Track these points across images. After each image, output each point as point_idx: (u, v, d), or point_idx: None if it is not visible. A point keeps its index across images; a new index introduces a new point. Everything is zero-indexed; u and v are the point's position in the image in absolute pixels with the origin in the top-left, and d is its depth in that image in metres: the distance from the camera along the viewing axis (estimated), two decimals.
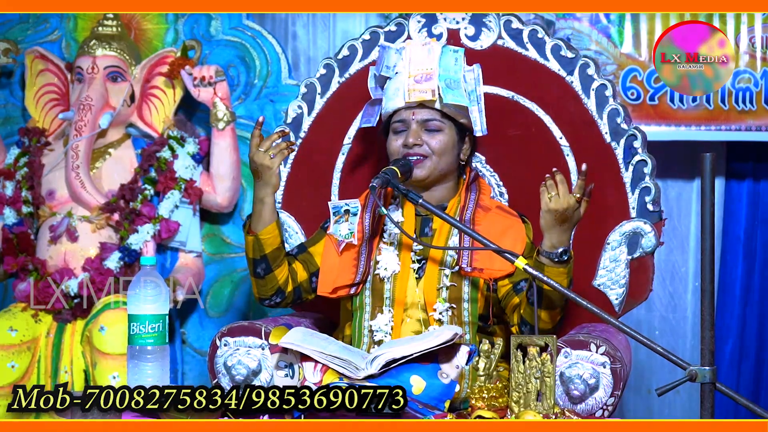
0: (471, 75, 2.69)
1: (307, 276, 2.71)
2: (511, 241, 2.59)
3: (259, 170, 2.58)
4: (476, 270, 2.58)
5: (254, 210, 2.63)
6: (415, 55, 2.66)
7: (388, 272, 2.64)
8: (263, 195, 2.61)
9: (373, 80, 2.75)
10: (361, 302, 2.65)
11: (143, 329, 2.31)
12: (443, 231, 2.66)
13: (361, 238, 2.65)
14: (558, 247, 2.43)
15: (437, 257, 2.63)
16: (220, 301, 3.65)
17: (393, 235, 2.68)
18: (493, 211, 2.68)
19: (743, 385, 3.73)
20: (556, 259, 2.43)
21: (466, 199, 2.68)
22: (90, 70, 3.53)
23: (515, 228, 2.65)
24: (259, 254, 2.63)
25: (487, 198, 2.72)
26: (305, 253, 2.73)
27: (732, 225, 3.75)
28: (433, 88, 2.62)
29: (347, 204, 2.67)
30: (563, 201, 2.40)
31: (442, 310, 2.59)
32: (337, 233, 2.66)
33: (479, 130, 2.68)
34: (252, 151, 2.58)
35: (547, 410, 2.24)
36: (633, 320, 3.55)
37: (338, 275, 2.66)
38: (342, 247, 2.65)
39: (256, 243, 2.62)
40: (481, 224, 2.61)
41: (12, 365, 3.33)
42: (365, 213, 2.68)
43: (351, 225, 2.65)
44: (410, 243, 2.65)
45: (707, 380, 2.05)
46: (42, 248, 3.46)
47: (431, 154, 2.64)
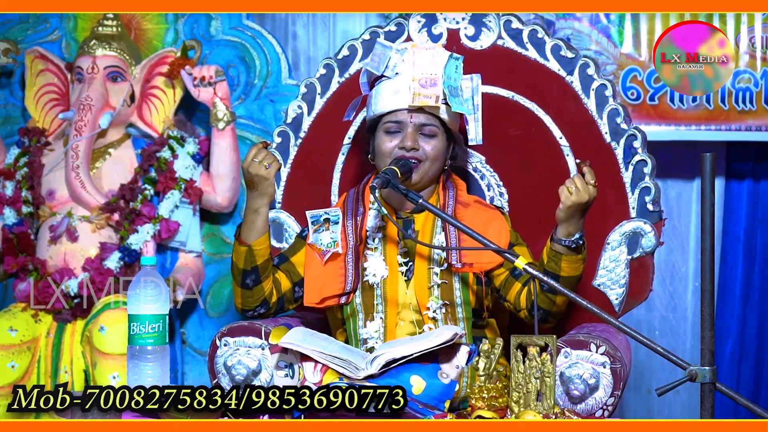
0: (468, 84, 2.68)
1: (291, 286, 2.69)
2: (495, 232, 2.59)
3: (255, 181, 2.54)
4: (466, 265, 2.58)
5: (247, 220, 2.60)
6: (419, 58, 2.65)
7: (377, 278, 2.63)
8: (258, 205, 2.58)
9: (365, 76, 2.74)
10: (353, 310, 2.64)
11: (143, 329, 2.31)
12: (426, 231, 2.65)
13: (345, 246, 2.64)
14: (574, 234, 2.44)
15: (425, 256, 2.62)
16: (220, 301, 3.65)
17: (377, 240, 2.67)
18: (472, 206, 2.68)
19: (743, 385, 3.73)
20: (573, 246, 2.44)
21: (445, 197, 2.68)
22: (90, 70, 3.53)
23: (497, 220, 2.66)
24: (250, 265, 2.60)
25: (464, 193, 2.72)
26: (287, 263, 2.70)
27: (732, 225, 3.75)
28: (437, 94, 2.61)
29: (327, 212, 2.65)
30: (584, 193, 2.40)
31: (436, 309, 2.59)
32: (319, 243, 2.64)
33: (474, 139, 2.68)
34: (247, 162, 2.53)
35: (547, 410, 2.24)
36: (633, 320, 3.54)
37: (324, 285, 2.63)
38: (327, 257, 2.63)
39: (249, 254, 2.59)
40: (464, 219, 2.60)
41: (12, 365, 3.33)
42: (347, 220, 2.66)
43: (333, 234, 2.63)
44: (394, 246, 2.64)
45: (707, 380, 2.05)
46: (42, 248, 3.46)
47: (425, 159, 2.63)
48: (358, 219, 2.66)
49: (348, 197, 2.73)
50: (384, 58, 2.67)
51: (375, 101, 2.68)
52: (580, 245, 2.45)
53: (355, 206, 2.68)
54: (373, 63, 2.68)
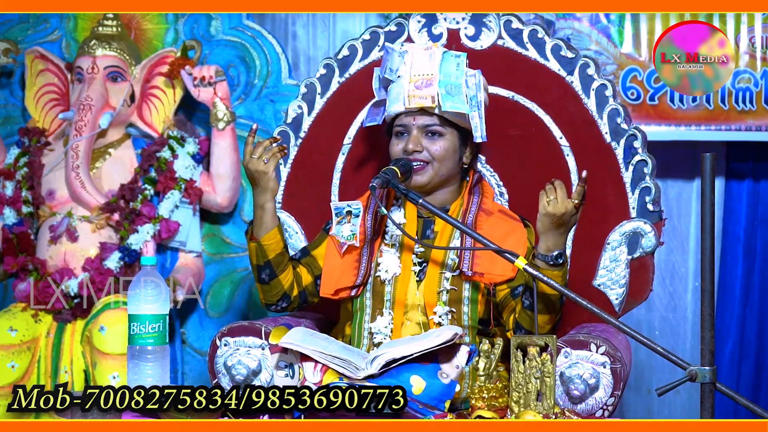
0: (473, 80, 2.68)
1: (312, 279, 2.71)
2: (513, 245, 2.56)
3: (256, 176, 2.57)
4: (477, 274, 2.58)
5: (255, 216, 2.62)
6: (416, 59, 2.65)
7: (389, 274, 2.64)
8: (263, 201, 2.60)
9: (377, 81, 2.75)
10: (362, 304, 2.65)
11: (143, 329, 2.31)
12: (445, 233, 2.65)
13: (362, 239, 2.64)
14: (553, 250, 2.43)
15: (438, 260, 2.62)
16: (220, 301, 3.65)
17: (394, 236, 2.67)
18: (495, 215, 2.67)
19: (743, 385, 3.73)
20: (551, 262, 2.42)
21: (468, 202, 2.68)
22: (90, 70, 3.53)
23: (517, 232, 2.64)
24: (262, 260, 2.63)
25: (490, 201, 2.71)
26: (309, 257, 2.73)
27: (732, 225, 3.75)
28: (432, 95, 2.61)
29: (349, 205, 2.67)
30: (561, 206, 2.39)
31: (442, 314, 2.59)
32: (339, 234, 2.66)
33: (479, 136, 2.67)
34: (246, 159, 2.56)
35: (547, 410, 2.24)
36: (633, 320, 3.54)
37: (340, 277, 2.66)
38: (344, 249, 2.65)
39: (259, 249, 2.62)
40: (483, 228, 2.61)
41: (12, 365, 3.33)
42: (367, 214, 2.67)
43: (353, 226, 2.65)
44: (412, 245, 2.65)
45: (707, 380, 2.05)
46: (42, 248, 3.46)
47: (432, 161, 2.63)
48: (379, 214, 2.66)
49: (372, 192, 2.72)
50: (387, 62, 2.68)
51: (387, 105, 2.69)
52: (559, 264, 2.42)
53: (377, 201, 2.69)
54: (382, 69, 2.70)
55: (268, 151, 2.56)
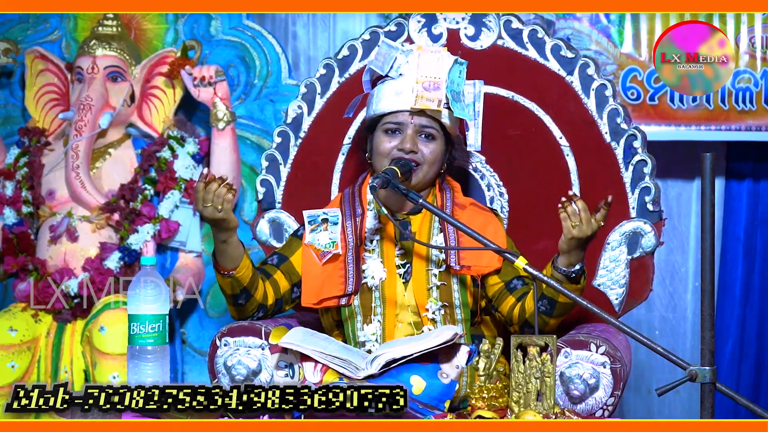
0: (470, 89, 2.68)
1: (290, 287, 2.68)
2: (491, 236, 2.56)
3: (215, 222, 2.50)
4: (465, 267, 2.58)
5: (218, 250, 2.54)
6: (424, 61, 2.64)
7: (376, 280, 2.62)
8: (225, 237, 2.52)
9: (368, 74, 2.73)
10: (351, 312, 2.62)
11: (143, 329, 2.31)
12: (423, 232, 2.65)
13: (344, 247, 2.63)
14: (575, 264, 2.42)
15: (422, 257, 2.62)
16: (220, 301, 3.64)
17: (374, 241, 2.66)
18: (468, 209, 2.67)
19: (743, 385, 3.73)
20: (573, 276, 2.42)
21: (443, 199, 2.68)
22: (90, 70, 3.53)
23: (492, 223, 2.65)
24: (238, 289, 2.58)
25: (460, 195, 2.72)
26: (287, 263, 2.69)
27: (732, 225, 3.75)
28: (440, 98, 2.60)
29: (325, 213, 2.64)
30: (587, 229, 2.37)
31: (435, 310, 2.59)
32: (317, 243, 2.63)
33: (473, 145, 2.68)
34: (199, 207, 2.48)
35: (547, 410, 2.24)
36: (633, 320, 3.54)
37: (323, 286, 2.62)
38: (327, 258, 2.62)
39: (234, 282, 2.56)
40: (461, 221, 2.60)
41: (12, 365, 3.33)
42: (345, 221, 2.65)
43: (332, 234, 2.63)
44: (392, 248, 2.64)
45: (707, 380, 2.05)
46: (42, 248, 3.46)
47: (423, 163, 2.63)
48: (357, 220, 2.65)
49: (344, 197, 2.72)
50: (389, 58, 2.66)
51: (376, 101, 2.67)
52: (579, 275, 2.43)
53: (352, 207, 2.67)
54: (378, 62, 2.67)
55: (218, 198, 2.46)
